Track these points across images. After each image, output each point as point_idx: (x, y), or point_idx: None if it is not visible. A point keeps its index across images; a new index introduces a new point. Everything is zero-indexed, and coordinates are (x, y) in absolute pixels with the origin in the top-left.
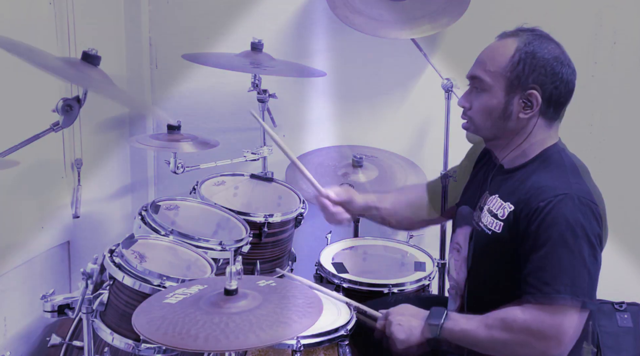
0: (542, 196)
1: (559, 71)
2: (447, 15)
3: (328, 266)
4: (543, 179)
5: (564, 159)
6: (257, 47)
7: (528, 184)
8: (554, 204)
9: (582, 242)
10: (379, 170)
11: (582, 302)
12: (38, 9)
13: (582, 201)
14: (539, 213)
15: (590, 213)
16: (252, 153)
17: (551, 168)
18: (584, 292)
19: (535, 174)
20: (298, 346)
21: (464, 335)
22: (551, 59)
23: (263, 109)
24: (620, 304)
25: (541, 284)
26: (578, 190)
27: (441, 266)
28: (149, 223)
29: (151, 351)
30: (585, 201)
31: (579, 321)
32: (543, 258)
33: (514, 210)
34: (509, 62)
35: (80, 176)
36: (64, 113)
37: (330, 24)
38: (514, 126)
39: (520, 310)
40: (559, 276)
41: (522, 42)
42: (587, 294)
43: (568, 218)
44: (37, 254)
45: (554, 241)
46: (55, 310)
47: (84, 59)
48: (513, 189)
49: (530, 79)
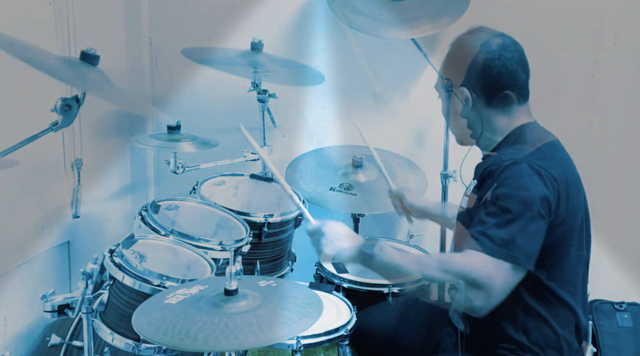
0: (497, 165)
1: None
2: (447, 15)
3: (328, 266)
4: (502, 153)
5: (526, 135)
6: (257, 47)
7: (491, 160)
8: (503, 168)
9: (525, 203)
10: (379, 170)
11: (515, 258)
12: (38, 8)
13: (531, 166)
14: (491, 177)
15: (537, 177)
16: (252, 153)
17: (512, 144)
18: (518, 249)
19: (499, 151)
20: (298, 346)
21: (393, 268)
22: (472, 53)
23: (263, 109)
24: (620, 304)
25: (480, 235)
26: (530, 158)
27: None
28: (149, 223)
29: (151, 351)
30: (535, 167)
31: (510, 277)
32: (487, 214)
33: (477, 184)
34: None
35: (80, 176)
36: (62, 113)
37: (330, 24)
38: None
39: (460, 255)
40: (497, 230)
41: (454, 45)
42: (523, 251)
43: (514, 182)
44: (37, 254)
45: (498, 201)
46: (55, 310)
47: (83, 59)
48: (481, 168)
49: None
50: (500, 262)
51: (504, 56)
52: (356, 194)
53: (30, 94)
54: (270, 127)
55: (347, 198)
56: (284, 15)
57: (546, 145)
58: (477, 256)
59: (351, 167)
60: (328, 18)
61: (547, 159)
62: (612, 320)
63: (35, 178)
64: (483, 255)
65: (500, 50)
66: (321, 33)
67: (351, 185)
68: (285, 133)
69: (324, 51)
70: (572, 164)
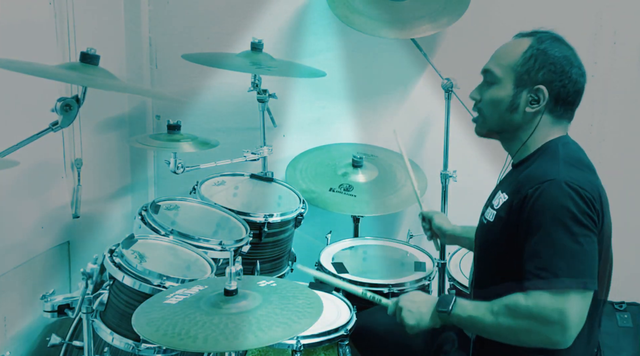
0: (531, 183)
1: (568, 70)
2: (447, 15)
3: (328, 266)
4: (536, 168)
5: (559, 149)
6: (257, 47)
7: (523, 175)
8: (541, 190)
9: (572, 223)
10: (379, 170)
11: (582, 283)
12: (38, 9)
13: (569, 185)
14: (528, 200)
15: (577, 196)
16: (252, 153)
17: (546, 159)
18: (582, 273)
19: (532, 165)
20: (298, 346)
21: (472, 322)
22: (561, 58)
23: (263, 109)
24: (620, 304)
25: (538, 270)
26: (566, 176)
27: (441, 266)
28: (149, 223)
29: (151, 351)
30: (573, 186)
31: (582, 303)
32: (537, 244)
33: (508, 200)
34: (521, 58)
35: (80, 176)
36: (63, 113)
37: (330, 24)
38: (519, 120)
39: (523, 296)
40: (554, 260)
41: (536, 41)
42: (587, 274)
43: (555, 202)
44: (37, 254)
45: (545, 226)
46: (55, 310)
47: (83, 60)
48: (512, 181)
49: (539, 75)
50: (566, 293)
51: (584, 74)
52: (356, 195)
53: (30, 94)
54: (270, 127)
55: (347, 198)
56: (284, 15)
57: (580, 163)
58: (541, 295)
59: (351, 167)
60: (328, 18)
61: (585, 177)
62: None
63: (35, 178)
64: (547, 292)
65: (583, 68)
66: (321, 33)
67: (351, 186)
68: (285, 133)
69: (324, 51)
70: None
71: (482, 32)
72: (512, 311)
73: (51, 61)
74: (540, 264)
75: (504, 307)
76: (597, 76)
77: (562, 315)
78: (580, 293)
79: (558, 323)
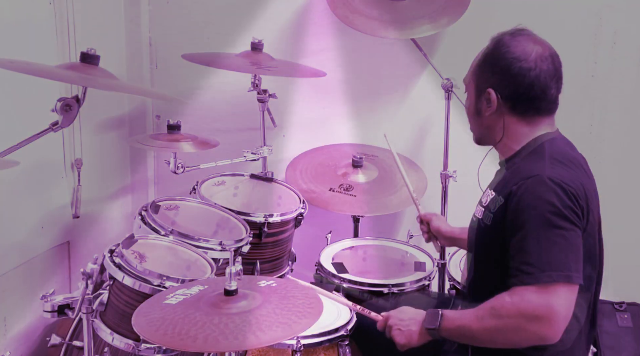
0: (515, 180)
1: (513, 68)
2: (447, 15)
3: (328, 266)
4: (521, 166)
5: (545, 147)
6: (257, 47)
7: (509, 172)
8: (525, 186)
9: (556, 218)
10: (379, 170)
11: (567, 276)
12: (38, 9)
13: (553, 180)
14: (512, 196)
15: (561, 190)
16: (252, 153)
17: (531, 156)
18: (567, 266)
19: (518, 163)
20: (298, 346)
21: (461, 332)
22: (508, 58)
23: (263, 109)
24: (620, 304)
25: (524, 266)
26: (550, 172)
27: (441, 266)
28: (149, 223)
29: (151, 351)
30: (556, 181)
31: (568, 296)
32: (521, 240)
33: (494, 197)
34: (477, 64)
35: (80, 176)
36: (63, 113)
37: (330, 24)
38: (487, 123)
39: (508, 294)
40: (539, 255)
41: (491, 44)
42: (572, 267)
43: (539, 197)
44: (37, 254)
45: (529, 222)
46: (55, 310)
47: (83, 60)
48: (499, 179)
49: (487, 78)
50: (551, 286)
51: (540, 67)
52: (355, 195)
53: (30, 94)
54: (270, 127)
55: (347, 198)
56: (284, 15)
57: (566, 158)
58: (525, 290)
59: (351, 167)
60: (328, 18)
61: (570, 173)
62: (612, 320)
63: (35, 177)
64: (531, 287)
65: (537, 61)
66: (321, 33)
67: (351, 186)
68: (285, 133)
69: (324, 51)
70: (589, 173)
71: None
72: (497, 311)
73: (51, 61)
74: (525, 259)
75: (489, 309)
76: (597, 76)
77: (549, 310)
78: (565, 286)
79: (545, 317)
